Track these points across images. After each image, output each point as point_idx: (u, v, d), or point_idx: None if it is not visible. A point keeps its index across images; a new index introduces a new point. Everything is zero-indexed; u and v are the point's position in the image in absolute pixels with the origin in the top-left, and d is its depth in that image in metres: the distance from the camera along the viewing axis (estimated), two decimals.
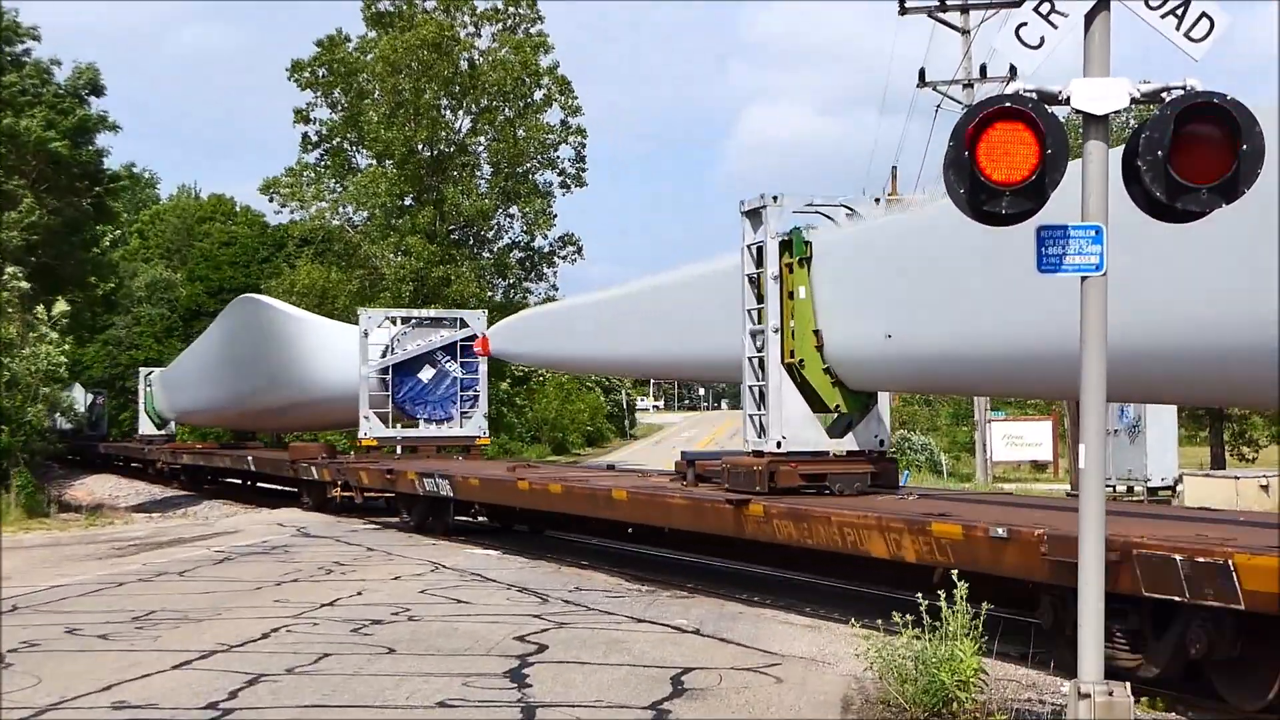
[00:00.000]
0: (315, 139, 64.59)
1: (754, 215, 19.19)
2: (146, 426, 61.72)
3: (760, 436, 18.83)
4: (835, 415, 18.96)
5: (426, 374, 35.36)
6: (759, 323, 19.02)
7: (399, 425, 35.25)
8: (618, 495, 21.45)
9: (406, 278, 57.80)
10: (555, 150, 64.22)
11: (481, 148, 64.09)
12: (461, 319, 36.26)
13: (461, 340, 35.42)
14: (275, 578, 21.72)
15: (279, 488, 45.75)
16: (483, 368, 35.76)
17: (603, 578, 21.45)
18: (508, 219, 64.85)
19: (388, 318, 36.21)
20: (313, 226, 64.57)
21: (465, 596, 19.12)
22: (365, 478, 32.00)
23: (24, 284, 40.97)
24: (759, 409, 18.96)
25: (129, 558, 26.21)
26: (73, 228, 53.12)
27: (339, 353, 37.56)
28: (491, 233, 64.78)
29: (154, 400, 61.11)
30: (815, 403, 18.80)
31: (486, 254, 64.56)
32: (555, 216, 64.43)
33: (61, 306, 41.49)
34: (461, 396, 35.46)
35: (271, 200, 64.14)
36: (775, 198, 18.72)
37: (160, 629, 16.43)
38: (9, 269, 40.32)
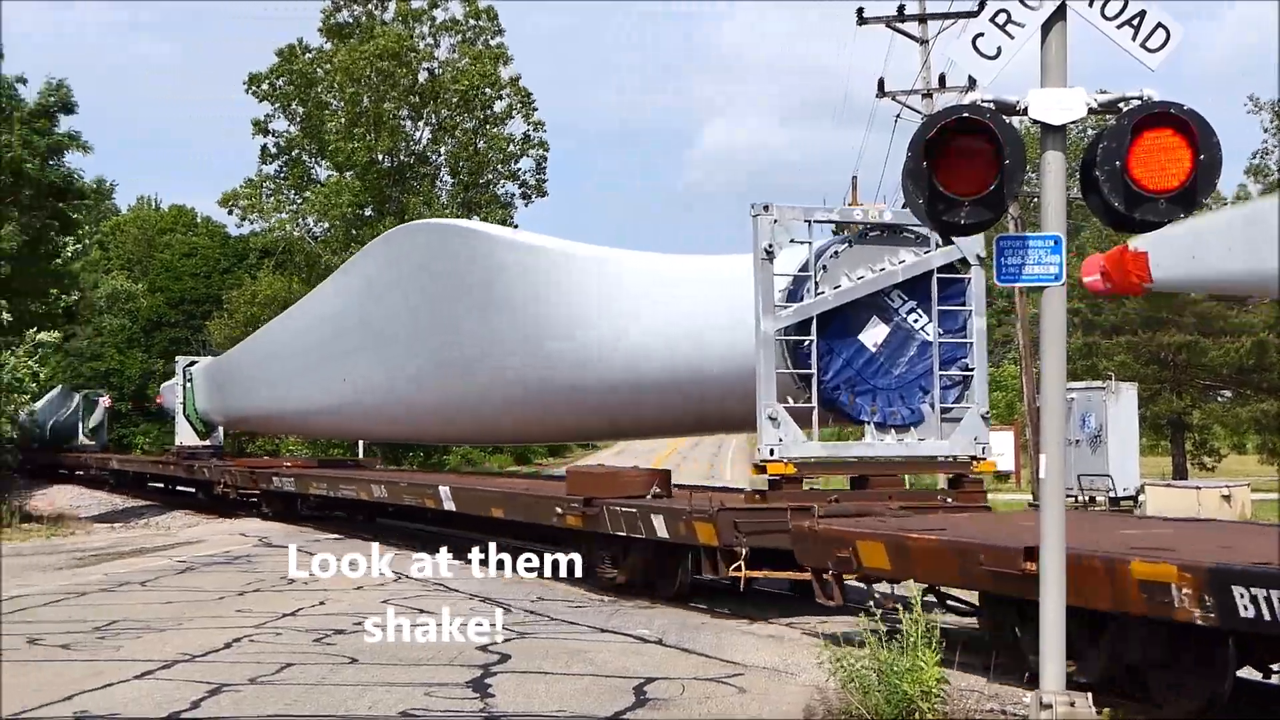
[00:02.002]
0: (274, 150, 64.50)
1: None
2: (186, 435, 48.11)
3: None
4: None
5: (874, 334, 19.40)
6: None
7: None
8: None
9: None
10: (516, 162, 64.26)
11: (442, 158, 64.08)
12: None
13: (940, 270, 19.50)
14: (238, 587, 21.65)
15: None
16: (977, 324, 19.56)
17: (564, 588, 21.39)
18: None
19: (807, 220, 19.49)
20: (273, 238, 64.40)
21: (429, 606, 19.06)
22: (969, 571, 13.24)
23: (7, 315, 39.72)
24: None
25: (90, 567, 26.09)
26: (36, 241, 52.80)
27: (654, 305, 23.80)
28: None
29: (195, 400, 47.77)
30: None
31: None
32: (516, 227, 64.49)
33: (45, 336, 40.27)
34: (941, 379, 19.47)
35: (231, 213, 64.12)
36: None
37: (122, 639, 16.36)
38: None
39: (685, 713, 11.86)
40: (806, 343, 18.97)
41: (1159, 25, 9.20)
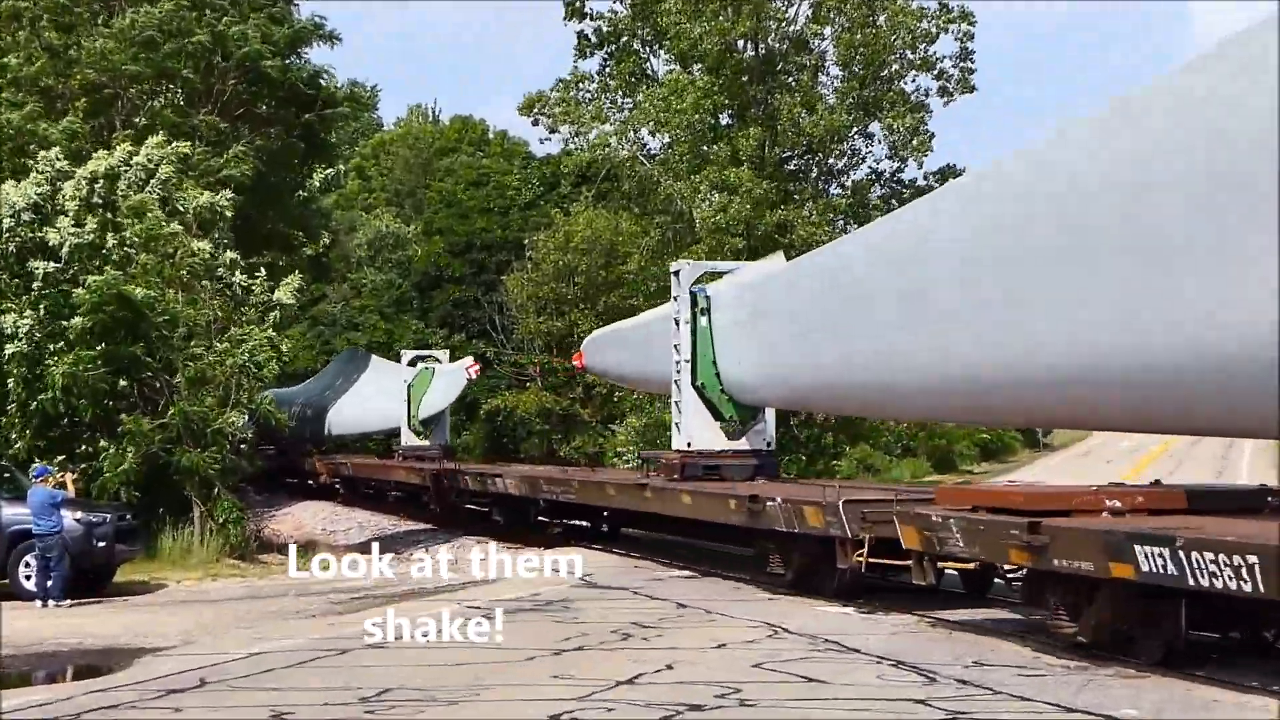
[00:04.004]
0: (594, 39, 65.13)
1: None
2: (697, 429, 35.72)
3: None
4: None
5: None
6: None
7: None
8: None
9: (728, 225, 57.00)
10: (931, 45, 63.43)
11: (827, 43, 63.80)
12: None
13: None
14: (553, 644, 21.90)
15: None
16: None
17: (1010, 647, 21.08)
18: (866, 141, 64.24)
19: None
20: (594, 158, 65.05)
21: (818, 673, 19.01)
22: None
23: (240, 278, 39.96)
24: None
25: (353, 615, 26.69)
26: (274, 165, 53.50)
27: None
28: (844, 160, 64.31)
29: (718, 357, 34.62)
30: None
31: (837, 190, 64.08)
32: (933, 136, 63.40)
33: (286, 296, 40.57)
34: None
35: (536, 124, 64.90)
36: None
37: (397, 713, 16.64)
38: (225, 252, 40.00)
39: None
40: None
41: None
